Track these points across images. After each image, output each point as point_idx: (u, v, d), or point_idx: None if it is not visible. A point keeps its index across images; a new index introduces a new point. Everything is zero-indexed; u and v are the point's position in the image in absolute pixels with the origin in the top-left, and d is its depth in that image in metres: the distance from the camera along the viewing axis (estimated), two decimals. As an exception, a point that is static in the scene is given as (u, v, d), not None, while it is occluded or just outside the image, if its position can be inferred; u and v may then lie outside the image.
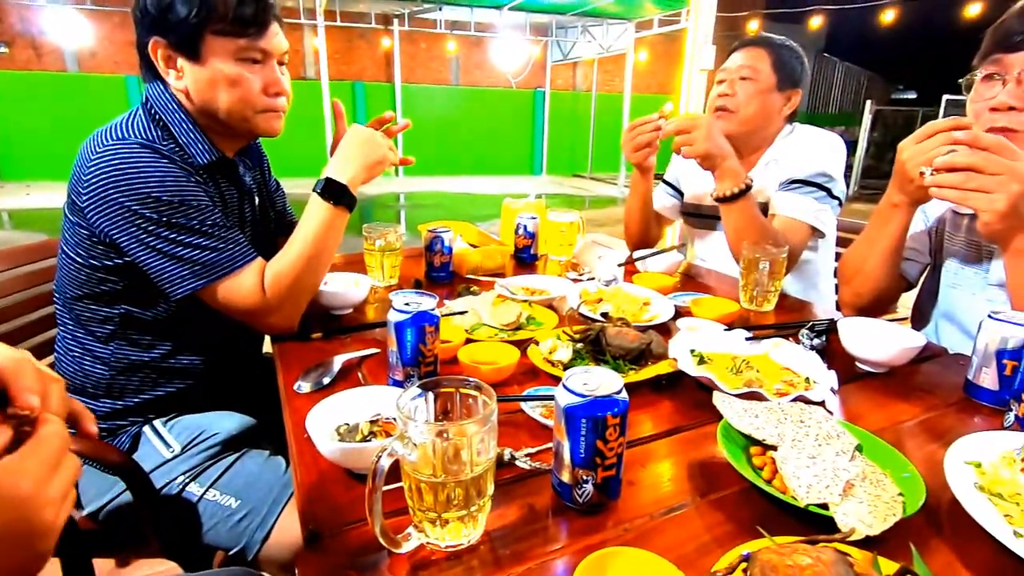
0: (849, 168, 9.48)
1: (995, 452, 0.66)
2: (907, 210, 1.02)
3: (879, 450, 0.68)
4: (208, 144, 1.00)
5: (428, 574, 0.52)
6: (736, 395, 0.80)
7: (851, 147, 9.55)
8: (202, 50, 0.94)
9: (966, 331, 1.08)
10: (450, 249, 1.38)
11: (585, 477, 0.58)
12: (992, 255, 1.04)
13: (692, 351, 0.95)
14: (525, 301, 1.18)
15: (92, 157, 0.91)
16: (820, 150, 1.41)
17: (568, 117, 11.77)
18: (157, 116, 0.97)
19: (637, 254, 1.50)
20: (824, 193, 1.38)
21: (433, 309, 0.80)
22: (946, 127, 0.87)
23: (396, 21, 10.08)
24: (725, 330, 1.04)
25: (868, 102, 9.87)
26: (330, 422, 0.69)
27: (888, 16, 8.23)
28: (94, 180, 0.90)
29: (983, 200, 0.81)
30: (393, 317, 0.79)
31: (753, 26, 8.50)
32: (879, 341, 0.93)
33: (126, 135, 0.93)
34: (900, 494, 0.59)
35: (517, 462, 0.67)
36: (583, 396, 0.56)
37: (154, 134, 0.95)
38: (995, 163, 0.80)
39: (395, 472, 0.51)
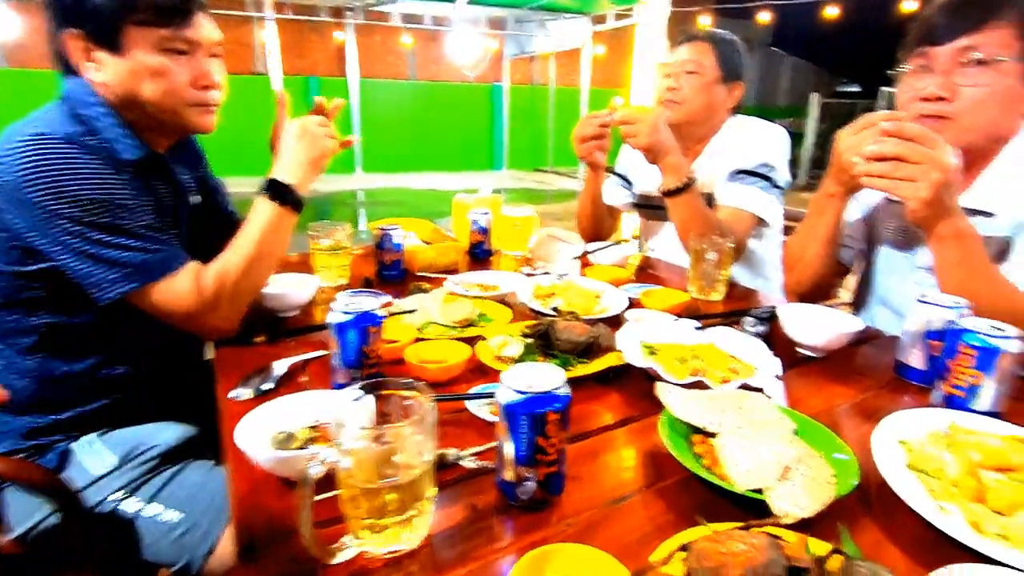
0: (797, 159, 9.80)
1: (921, 430, 0.69)
2: (842, 199, 1.06)
3: (816, 433, 0.69)
4: (135, 139, 0.95)
5: (366, 582, 0.50)
6: (681, 385, 0.81)
7: (799, 139, 9.87)
8: (122, 41, 0.88)
9: (899, 314, 1.13)
10: (400, 246, 1.36)
11: (527, 475, 0.57)
12: (920, 240, 1.09)
13: (641, 342, 0.96)
14: (476, 297, 1.17)
15: (6, 154, 0.85)
16: (763, 141, 1.45)
17: (527, 111, 11.77)
18: (78, 111, 0.92)
19: (590, 247, 1.51)
20: (768, 183, 1.42)
21: (376, 309, 0.78)
22: (880, 119, 0.90)
23: (349, 14, 9.86)
24: (674, 320, 1.06)
25: (814, 95, 10.22)
26: (267, 430, 0.66)
27: (832, 11, 8.52)
28: (10, 179, 0.84)
29: (909, 188, 0.84)
30: (334, 319, 0.77)
31: (705, 21, 8.67)
32: (817, 326, 0.96)
33: (44, 130, 0.87)
34: (834, 475, 0.61)
35: (462, 462, 0.67)
36: (523, 393, 0.56)
37: (76, 129, 0.89)
38: (919, 152, 0.83)
39: (333, 480, 0.50)
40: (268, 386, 0.83)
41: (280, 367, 0.87)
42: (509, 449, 0.57)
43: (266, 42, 7.86)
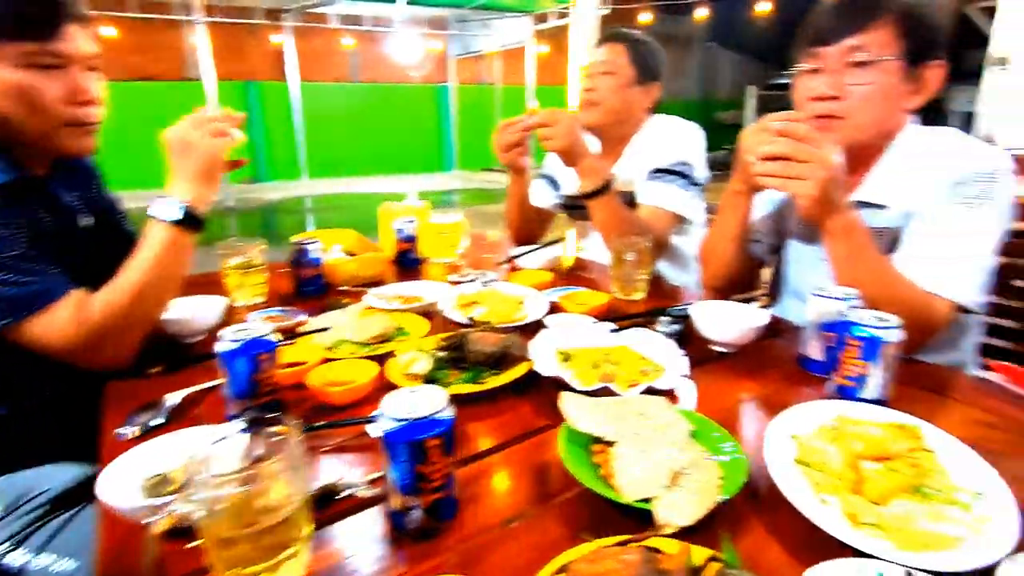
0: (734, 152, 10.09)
1: (812, 423, 0.71)
2: (748, 196, 1.08)
3: (713, 433, 0.70)
4: (3, 162, 0.88)
5: (233, 635, 0.47)
6: (589, 391, 0.81)
7: (737, 130, 10.16)
8: None
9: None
10: (318, 261, 1.32)
11: (412, 503, 0.56)
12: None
13: (556, 349, 0.96)
14: (395, 311, 1.14)
15: None
16: (679, 140, 1.48)
17: (475, 111, 11.72)
18: None
19: (516, 251, 1.51)
20: (686, 180, 1.44)
21: (268, 335, 0.75)
22: (780, 119, 0.92)
23: (286, 16, 9.58)
24: (593, 323, 1.06)
25: (751, 87, 10.56)
26: (142, 472, 0.62)
27: (764, 6, 8.83)
28: None
29: (798, 185, 0.87)
30: (221, 347, 0.73)
31: (645, 18, 8.83)
32: (725, 323, 0.98)
33: None
34: (722, 478, 0.61)
35: (356, 492, 0.64)
36: (399, 421, 0.54)
37: None
38: (805, 151, 0.86)
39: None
40: (158, 421, 0.78)
41: (173, 399, 0.83)
42: (391, 478, 0.55)
43: (197, 46, 7.55)
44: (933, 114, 1.06)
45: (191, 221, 0.94)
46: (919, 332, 0.90)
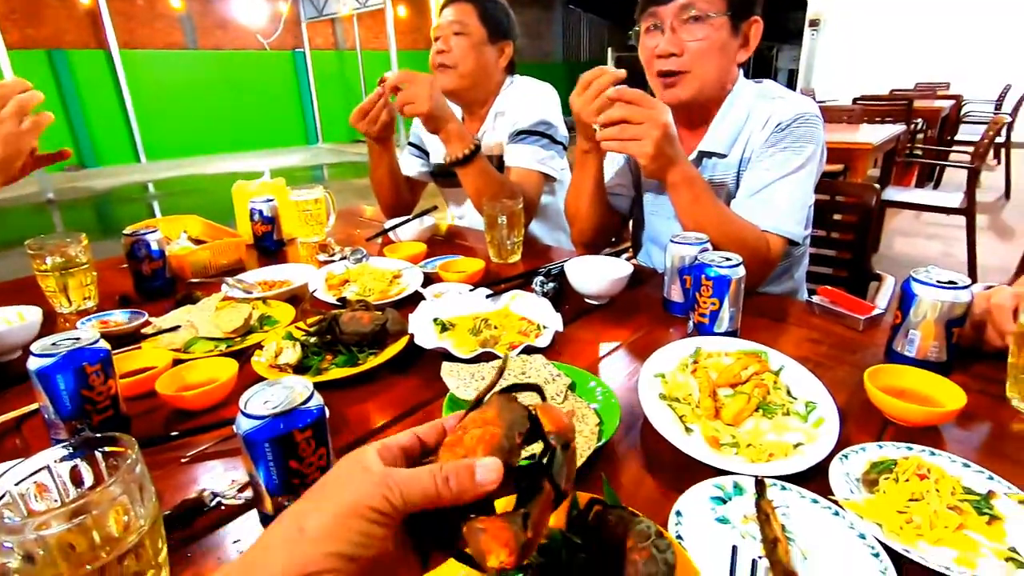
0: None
1: (674, 361, 0.77)
2: (596, 155, 1.13)
3: (588, 384, 0.73)
4: None
5: None
6: (469, 359, 0.81)
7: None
8: None
9: (667, 253, 1.26)
10: (160, 253, 1.17)
11: (285, 503, 0.52)
12: None
13: (435, 320, 0.94)
14: (258, 299, 1.05)
15: None
16: (536, 100, 1.49)
17: (336, 79, 11.01)
18: None
19: (388, 224, 1.45)
20: (547, 140, 1.47)
21: (92, 343, 0.65)
22: (595, 76, 0.95)
23: (93, -29, 8.19)
24: (470, 291, 1.05)
25: (609, 50, 11.00)
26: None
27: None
28: None
29: (636, 147, 0.92)
30: (33, 364, 0.62)
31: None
32: (593, 276, 1.02)
33: None
34: (598, 424, 0.64)
35: (224, 501, 0.59)
36: (261, 418, 0.49)
37: None
38: (639, 113, 0.90)
39: None
40: (-38, 461, 0.65)
41: (-18, 433, 0.69)
42: (260, 480, 0.51)
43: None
44: (763, 73, 1.17)
45: None
46: (758, 266, 1.01)
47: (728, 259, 0.85)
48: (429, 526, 0.34)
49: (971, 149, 3.17)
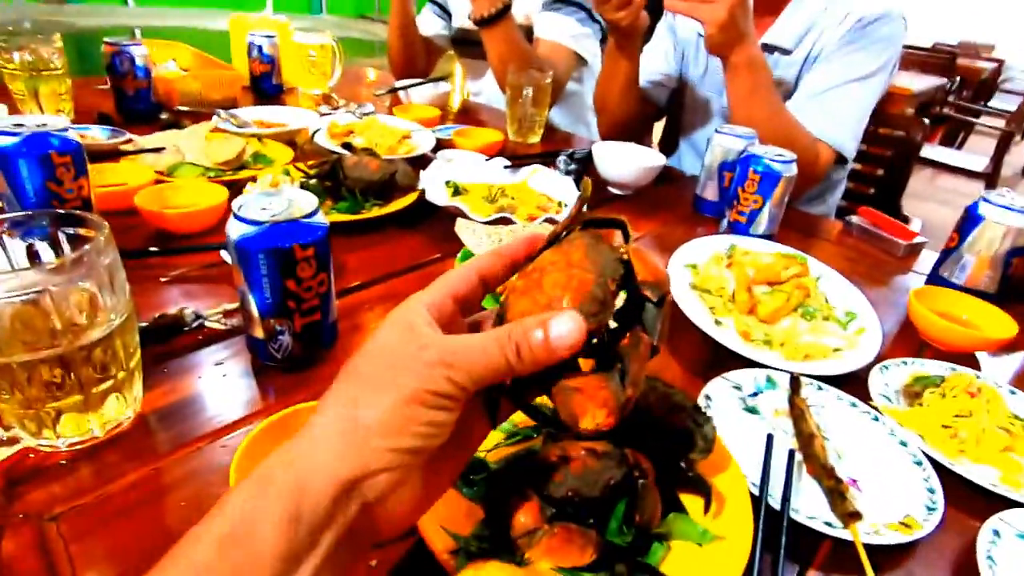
0: None
1: (707, 254, 0.70)
2: (629, 51, 1.02)
3: (614, 263, 0.67)
4: None
5: (37, 485, 0.37)
6: (485, 222, 0.73)
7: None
8: None
9: (702, 155, 1.16)
10: (147, 72, 1.04)
11: (279, 327, 0.46)
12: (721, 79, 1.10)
13: (447, 182, 0.86)
14: (251, 135, 0.94)
15: None
16: None
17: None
18: None
19: (400, 83, 1.32)
20: (585, 14, 1.31)
21: (64, 130, 0.56)
22: None
23: None
24: (486, 160, 0.96)
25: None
26: None
27: None
28: None
29: (708, 11, 0.81)
30: (-10, 142, 0.53)
31: None
32: (623, 161, 0.94)
33: None
34: (625, 301, 0.59)
35: (207, 322, 0.53)
36: (259, 224, 0.42)
37: None
38: None
39: None
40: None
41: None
42: (251, 298, 0.45)
43: None
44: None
45: None
46: (803, 176, 0.93)
47: (781, 155, 0.77)
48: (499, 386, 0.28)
49: (1005, 116, 3.03)
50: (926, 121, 1.35)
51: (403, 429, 0.23)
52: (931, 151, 3.26)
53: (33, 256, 0.38)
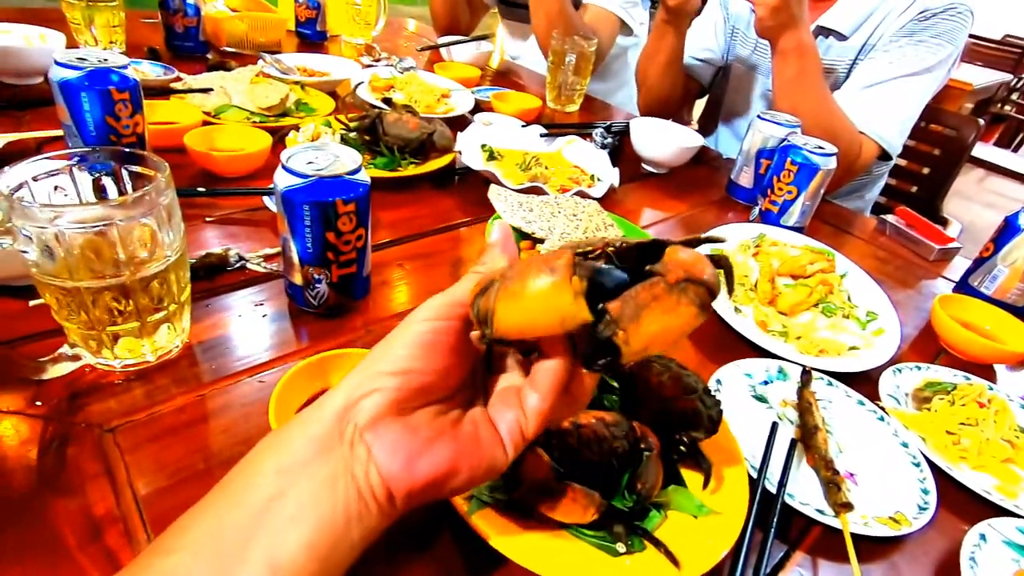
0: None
1: (734, 240, 0.71)
2: (676, 26, 1.01)
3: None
4: None
5: (97, 399, 0.40)
6: (517, 190, 0.75)
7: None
8: None
9: (740, 138, 1.14)
10: (196, 9, 1.05)
11: (317, 276, 0.48)
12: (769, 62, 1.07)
13: (483, 146, 0.87)
14: (296, 82, 0.96)
15: None
16: None
17: None
18: None
19: (442, 40, 1.31)
20: None
21: (124, 67, 0.58)
22: None
23: None
24: (522, 127, 0.96)
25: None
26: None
27: None
28: None
29: None
30: (56, 75, 0.55)
31: None
32: (661, 139, 0.93)
33: None
34: (648, 280, 0.60)
35: (249, 264, 0.56)
36: (305, 177, 0.44)
37: None
38: None
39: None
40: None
41: (-3, 144, 0.65)
42: (293, 246, 0.47)
43: None
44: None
45: None
46: (843, 169, 0.91)
47: (821, 147, 0.76)
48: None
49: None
50: (981, 121, 1.30)
51: (394, 352, 0.26)
52: (984, 150, 3.12)
53: (100, 190, 0.41)
